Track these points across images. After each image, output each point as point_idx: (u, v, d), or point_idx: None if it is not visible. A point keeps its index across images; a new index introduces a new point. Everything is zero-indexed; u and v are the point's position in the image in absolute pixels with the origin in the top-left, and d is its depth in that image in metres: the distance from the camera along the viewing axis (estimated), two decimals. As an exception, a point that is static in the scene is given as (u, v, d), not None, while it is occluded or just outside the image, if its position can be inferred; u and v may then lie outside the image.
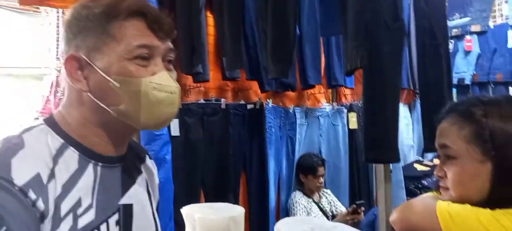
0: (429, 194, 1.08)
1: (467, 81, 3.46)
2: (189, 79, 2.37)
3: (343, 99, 3.28)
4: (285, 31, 1.66)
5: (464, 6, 3.44)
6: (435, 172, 1.03)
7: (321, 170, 2.67)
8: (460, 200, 0.93)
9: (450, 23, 3.23)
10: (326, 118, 2.97)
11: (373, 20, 1.17)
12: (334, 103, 3.13)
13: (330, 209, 2.75)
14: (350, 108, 3.08)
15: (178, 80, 0.78)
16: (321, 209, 2.69)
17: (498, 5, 3.55)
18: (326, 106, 3.06)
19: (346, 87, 3.09)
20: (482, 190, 0.91)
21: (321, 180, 2.68)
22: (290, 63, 1.66)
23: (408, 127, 3.20)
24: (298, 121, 2.85)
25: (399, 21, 1.23)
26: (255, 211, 2.49)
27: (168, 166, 2.09)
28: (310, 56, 2.58)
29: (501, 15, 3.39)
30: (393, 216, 1.05)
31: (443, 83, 1.39)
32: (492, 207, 0.88)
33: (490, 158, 0.89)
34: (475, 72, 3.41)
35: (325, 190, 2.80)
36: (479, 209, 0.89)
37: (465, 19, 2.53)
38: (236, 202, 2.31)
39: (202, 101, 2.40)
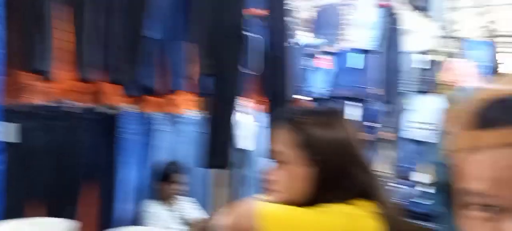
0: (257, 196, 1.12)
1: (323, 96, 3.83)
2: (32, 77, 2.10)
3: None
4: (134, 32, 1.58)
5: (322, 28, 3.82)
6: (264, 175, 1.08)
7: (177, 177, 2.63)
8: (284, 201, 0.99)
9: (311, 42, 3.54)
10: (190, 125, 2.94)
11: (217, 29, 1.19)
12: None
13: (189, 217, 2.72)
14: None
15: (14, 76, 0.65)
16: (178, 218, 2.64)
17: (347, 29, 4.03)
18: (190, 112, 3.03)
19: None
20: (303, 192, 0.99)
21: (179, 187, 2.64)
22: (138, 65, 1.59)
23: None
24: (157, 127, 2.76)
25: (241, 32, 1.28)
26: (105, 223, 2.32)
27: (-1, 177, 1.81)
28: (172, 61, 2.53)
29: (351, 39, 3.85)
30: (217, 220, 1.05)
31: (284, 93, 1.48)
32: (308, 207, 0.96)
33: (312, 163, 0.97)
34: (329, 88, 3.80)
35: (184, 197, 2.77)
36: (299, 208, 0.96)
37: (319, 40, 2.80)
38: (74, 214, 2.11)
39: (49, 103, 2.16)
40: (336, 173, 0.94)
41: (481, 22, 8.19)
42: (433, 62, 3.69)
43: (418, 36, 3.47)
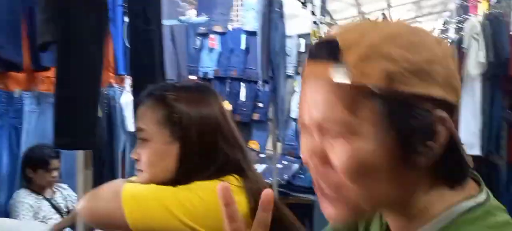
0: (131, 178, 1.07)
1: (210, 76, 3.84)
2: None
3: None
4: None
5: (210, 8, 3.79)
6: (131, 155, 1.04)
7: (54, 163, 2.40)
8: (151, 181, 0.96)
9: (197, 20, 3.49)
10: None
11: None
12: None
13: (66, 204, 2.52)
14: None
15: None
16: (54, 206, 2.43)
17: (236, 11, 4.09)
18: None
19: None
20: (169, 170, 0.96)
21: (55, 174, 2.42)
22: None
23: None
24: (26, 108, 2.47)
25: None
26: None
27: None
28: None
29: (238, 20, 3.91)
30: (79, 205, 0.99)
31: (156, 69, 1.44)
32: (176, 185, 0.94)
33: (177, 140, 0.95)
34: (216, 68, 3.82)
35: (60, 184, 2.55)
36: (163, 187, 0.93)
37: (203, 18, 2.78)
38: None
39: None
40: (203, 150, 0.94)
41: (356, 12, 9.09)
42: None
43: (299, 21, 3.69)
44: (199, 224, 0.87)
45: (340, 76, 0.48)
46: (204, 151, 0.95)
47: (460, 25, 3.19)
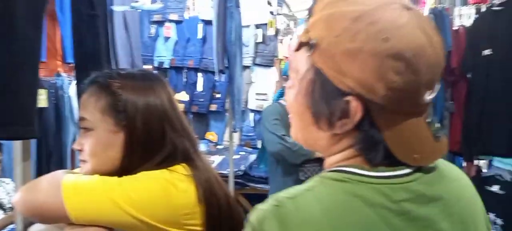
0: (74, 170, 1.02)
1: (166, 65, 3.74)
2: None
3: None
4: None
5: (165, -5, 3.68)
6: (73, 146, 0.98)
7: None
8: (95, 171, 0.92)
9: (150, 8, 3.37)
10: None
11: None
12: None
13: (9, 200, 2.37)
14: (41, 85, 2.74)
15: None
16: (-5, 201, 2.28)
17: (192, -1, 4.01)
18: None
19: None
20: (114, 160, 0.92)
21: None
22: None
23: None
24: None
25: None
26: None
27: None
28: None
29: (194, 9, 3.83)
30: (16, 197, 0.93)
31: (101, 57, 1.37)
32: (122, 175, 0.90)
33: (122, 129, 0.91)
34: (172, 57, 3.73)
35: (3, 179, 2.40)
36: (107, 178, 0.89)
37: (158, 5, 2.70)
38: None
39: None
40: (149, 139, 0.91)
41: (310, 5, 9.20)
42: (270, 37, 3.97)
43: (256, 11, 3.68)
44: (146, 215, 0.84)
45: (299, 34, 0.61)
46: (150, 140, 0.92)
47: None
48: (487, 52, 2.08)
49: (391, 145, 0.57)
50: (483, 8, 2.27)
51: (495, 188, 2.11)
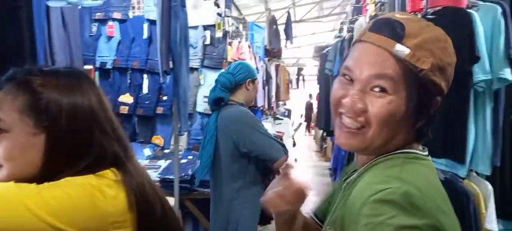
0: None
1: (109, 66, 3.58)
2: None
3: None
4: None
5: (108, -7, 3.52)
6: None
7: None
8: (11, 177, 0.83)
9: (90, 4, 3.21)
10: None
11: None
12: None
13: None
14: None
15: None
16: None
17: (138, -2, 3.87)
18: None
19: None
20: (33, 164, 0.84)
21: None
22: None
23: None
24: None
25: None
26: None
27: None
28: None
29: (139, 8, 3.70)
30: None
31: (25, 51, 1.26)
32: (44, 181, 0.83)
33: (43, 130, 0.84)
34: (116, 57, 3.57)
35: None
36: (24, 184, 0.81)
37: (98, 1, 2.56)
38: None
39: None
40: (75, 142, 0.85)
41: (263, 8, 9.33)
42: (218, 39, 3.93)
43: (203, 12, 3.63)
44: (66, 224, 0.77)
45: (400, 51, 0.71)
46: (75, 142, 0.85)
47: (352, 25, 3.45)
48: (422, 58, 2.20)
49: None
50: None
51: (430, 187, 2.23)
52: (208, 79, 4.04)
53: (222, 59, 4.01)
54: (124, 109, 3.60)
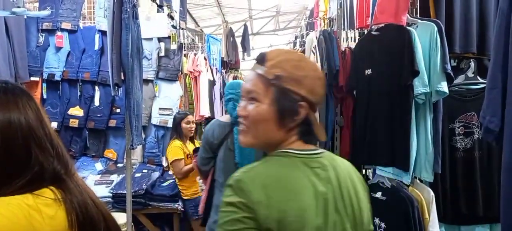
0: None
1: (57, 77, 3.44)
2: None
3: None
4: None
5: (55, 2, 3.41)
6: None
7: None
8: None
9: (36, 14, 3.09)
10: None
11: None
12: None
13: None
14: None
15: None
16: None
17: (89, 8, 3.77)
18: None
19: None
20: None
21: None
22: None
23: None
24: None
25: None
26: None
27: None
28: None
29: (91, 18, 3.60)
30: None
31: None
32: None
33: None
34: (65, 69, 3.44)
35: None
36: None
37: (46, 12, 2.46)
38: None
39: None
40: (10, 159, 0.82)
41: (220, 21, 9.37)
42: (173, 51, 3.90)
43: (156, 24, 3.60)
44: None
45: (260, 69, 0.98)
46: (11, 160, 0.82)
47: (304, 40, 3.56)
48: (368, 71, 2.30)
49: (316, 130, 0.99)
50: (365, 32, 2.53)
51: (378, 194, 2.31)
52: (163, 91, 3.99)
53: (178, 71, 3.98)
54: (74, 123, 3.47)
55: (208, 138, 2.32)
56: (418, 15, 2.31)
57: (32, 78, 3.33)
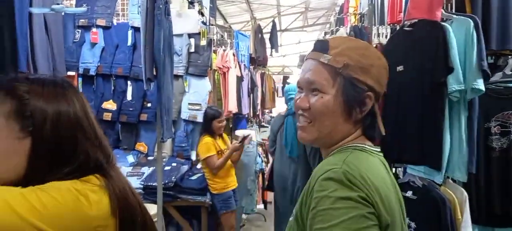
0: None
1: (92, 72, 3.57)
2: None
3: None
4: None
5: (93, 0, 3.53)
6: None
7: None
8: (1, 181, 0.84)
9: (74, 11, 3.21)
10: None
11: None
12: None
13: None
14: None
15: None
16: None
17: (122, 5, 3.88)
18: None
19: None
20: (18, 168, 0.85)
21: None
22: None
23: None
24: None
25: None
26: None
27: None
28: None
29: (124, 15, 3.71)
30: None
31: (6, 58, 1.26)
32: (27, 185, 0.84)
33: (29, 135, 0.86)
34: (99, 64, 3.56)
35: None
36: (8, 187, 0.83)
37: (82, 9, 2.55)
38: None
39: None
40: (59, 148, 0.86)
41: (249, 17, 9.40)
42: (203, 47, 3.96)
43: (187, 20, 3.66)
44: (53, 227, 0.79)
45: (325, 58, 0.93)
46: (60, 148, 0.87)
47: (334, 36, 3.52)
48: (400, 68, 2.26)
49: (379, 123, 0.95)
50: (397, 28, 2.48)
51: (409, 194, 2.27)
52: (193, 87, 4.06)
53: (207, 67, 4.04)
54: (107, 116, 3.59)
55: (271, 126, 3.75)
56: (453, 10, 2.24)
57: (69, 73, 3.47)
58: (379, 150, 0.95)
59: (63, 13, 3.01)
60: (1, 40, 1.25)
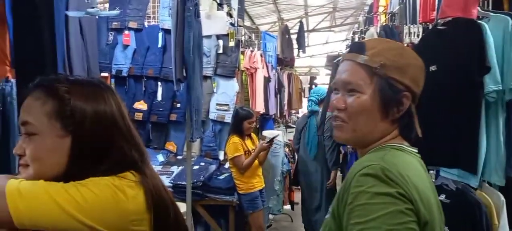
0: (15, 175, 0.98)
1: (124, 73, 3.66)
2: None
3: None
4: None
5: (123, 2, 3.62)
6: (14, 150, 0.95)
7: None
8: (38, 176, 0.89)
9: (107, 14, 3.31)
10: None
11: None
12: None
13: None
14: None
15: None
16: None
17: (153, 8, 3.96)
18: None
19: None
20: (59, 165, 0.90)
21: None
22: None
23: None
24: None
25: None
26: None
27: None
28: None
29: (155, 17, 3.79)
30: None
31: (46, 60, 1.32)
32: (68, 181, 0.88)
33: (69, 133, 0.90)
34: (131, 65, 3.65)
35: None
36: (52, 182, 0.87)
37: (115, 12, 2.63)
38: None
39: None
40: (97, 145, 0.90)
41: (276, 18, 9.40)
42: (231, 48, 3.99)
43: (216, 21, 3.69)
44: (92, 220, 0.83)
45: (361, 58, 0.94)
46: (98, 146, 0.91)
47: (363, 35, 3.48)
48: (433, 68, 2.20)
49: (416, 124, 0.95)
50: (430, 27, 2.42)
51: (442, 197, 2.20)
52: (221, 88, 4.10)
53: (235, 68, 4.07)
54: (138, 116, 3.67)
55: (297, 124, 4.61)
56: (490, 7, 2.16)
57: (102, 74, 3.58)
58: (416, 150, 0.94)
59: (97, 17, 3.11)
60: (41, 42, 1.31)
